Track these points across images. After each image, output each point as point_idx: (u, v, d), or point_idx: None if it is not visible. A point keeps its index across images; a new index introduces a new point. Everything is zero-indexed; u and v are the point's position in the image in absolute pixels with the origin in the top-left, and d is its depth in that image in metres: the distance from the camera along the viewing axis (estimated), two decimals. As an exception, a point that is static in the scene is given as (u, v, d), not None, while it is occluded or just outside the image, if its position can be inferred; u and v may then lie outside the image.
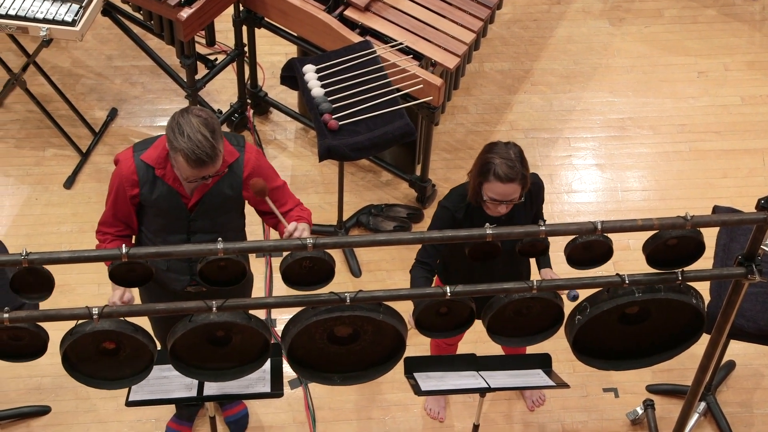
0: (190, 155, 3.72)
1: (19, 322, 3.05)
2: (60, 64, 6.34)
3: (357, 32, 5.31)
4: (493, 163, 4.05)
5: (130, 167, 3.97)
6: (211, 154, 3.74)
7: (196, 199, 4.00)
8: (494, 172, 4.04)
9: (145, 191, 3.98)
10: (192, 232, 4.09)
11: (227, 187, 4.02)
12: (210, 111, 3.84)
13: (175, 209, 4.02)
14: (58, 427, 5.03)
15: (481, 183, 4.09)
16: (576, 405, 5.19)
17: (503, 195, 4.07)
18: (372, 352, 3.39)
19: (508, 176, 4.03)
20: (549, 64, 6.54)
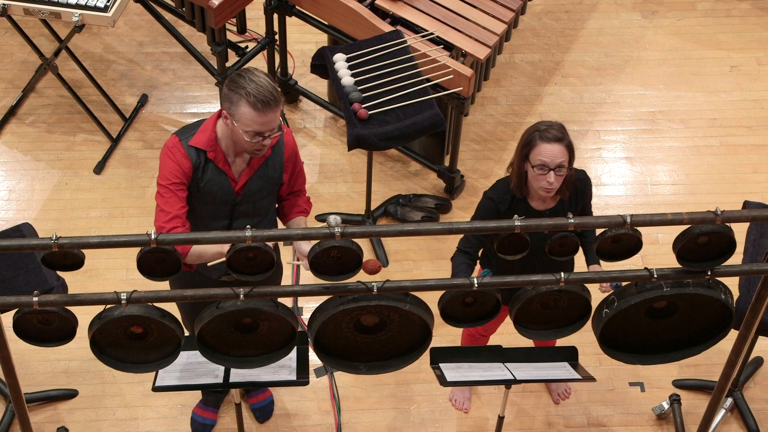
0: (258, 95, 3.73)
1: (48, 305, 3.07)
2: (92, 50, 6.37)
3: (388, 21, 5.31)
4: (539, 129, 4.05)
5: (183, 155, 3.95)
6: (276, 96, 3.77)
7: (244, 182, 4.01)
8: (540, 136, 4.04)
9: (197, 176, 3.97)
10: (235, 217, 4.10)
11: (270, 169, 4.04)
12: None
13: (222, 193, 4.02)
14: (84, 410, 5.06)
15: (528, 154, 4.07)
16: (602, 398, 5.18)
17: (551, 156, 4.03)
18: (398, 341, 3.39)
19: (555, 137, 4.02)
20: (580, 56, 6.51)
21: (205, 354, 3.33)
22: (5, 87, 6.17)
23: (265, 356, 3.40)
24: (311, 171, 5.91)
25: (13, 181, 5.82)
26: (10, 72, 6.24)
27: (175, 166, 3.95)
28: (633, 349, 3.50)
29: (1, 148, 5.94)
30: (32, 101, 6.14)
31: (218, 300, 3.15)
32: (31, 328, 3.18)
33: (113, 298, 3.06)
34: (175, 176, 3.95)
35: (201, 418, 5.01)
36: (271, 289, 3.17)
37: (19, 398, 3.51)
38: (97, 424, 5.02)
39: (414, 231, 3.09)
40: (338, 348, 3.39)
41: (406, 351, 3.42)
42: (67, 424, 4.97)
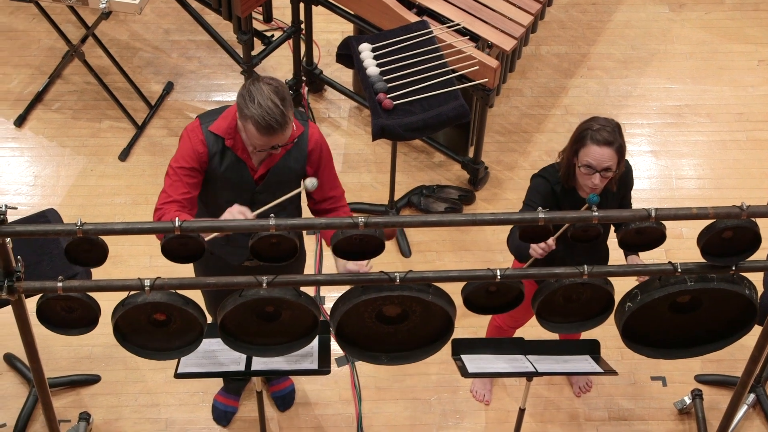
0: (261, 122, 3.72)
1: (72, 291, 3.08)
2: (118, 37, 6.39)
3: (414, 12, 5.30)
4: (592, 128, 4.02)
5: (200, 139, 3.96)
6: (281, 121, 3.73)
7: (263, 172, 4.00)
8: (591, 136, 4.01)
9: (214, 162, 3.98)
10: (255, 205, 4.10)
11: (293, 161, 4.02)
12: (280, 80, 3.84)
13: (242, 181, 4.02)
14: (107, 396, 5.09)
15: (577, 151, 4.05)
16: (623, 392, 5.16)
17: (599, 160, 4.01)
18: (420, 332, 3.39)
19: (606, 140, 4.00)
20: (606, 49, 6.48)
21: (227, 342, 3.34)
22: (32, 73, 6.20)
23: (287, 345, 3.41)
24: (335, 161, 5.85)
25: (38, 167, 5.85)
26: (37, 58, 6.27)
27: (190, 149, 3.97)
28: (655, 344, 3.49)
29: (28, 134, 5.97)
30: (59, 87, 6.16)
31: (241, 288, 3.16)
32: (54, 314, 3.20)
33: (137, 284, 3.07)
34: (186, 160, 3.97)
35: (222, 405, 5.03)
36: (294, 278, 3.17)
37: (42, 383, 3.53)
38: (119, 409, 5.04)
39: (437, 222, 3.09)
40: (360, 338, 3.39)
41: (427, 342, 3.42)
42: (89, 409, 5.00)
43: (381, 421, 5.06)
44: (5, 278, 3.06)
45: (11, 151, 5.91)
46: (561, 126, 6.11)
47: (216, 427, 5.01)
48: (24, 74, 6.20)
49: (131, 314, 3.19)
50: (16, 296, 3.11)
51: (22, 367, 5.09)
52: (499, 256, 5.55)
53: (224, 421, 5.02)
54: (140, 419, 5.02)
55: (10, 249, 3.03)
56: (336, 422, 5.05)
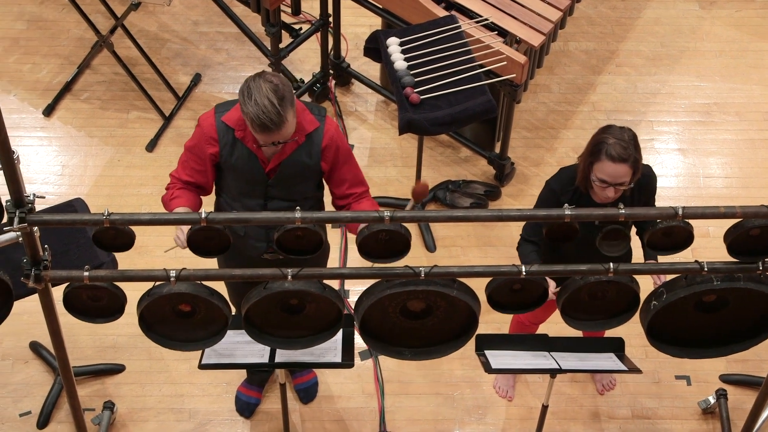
0: (256, 120, 3.73)
1: (99, 280, 3.10)
2: (147, 28, 6.41)
3: (442, 6, 5.29)
4: (606, 143, 4.00)
5: (211, 126, 3.99)
6: (276, 120, 3.73)
7: (274, 165, 4.01)
8: (606, 151, 3.99)
9: (225, 152, 4.00)
10: (269, 198, 4.11)
11: (306, 156, 4.02)
12: (284, 77, 3.83)
13: (253, 173, 4.03)
14: (131, 385, 5.11)
15: (592, 163, 4.04)
16: (647, 391, 5.14)
17: (613, 176, 4.00)
18: (444, 327, 3.39)
19: (620, 156, 3.98)
20: (635, 46, 6.45)
21: (251, 334, 3.35)
22: (61, 63, 6.23)
23: (310, 338, 3.41)
24: (361, 154, 5.91)
25: (66, 157, 5.88)
26: (66, 48, 6.30)
27: (199, 135, 4.03)
28: (680, 343, 3.47)
29: (56, 124, 6.00)
30: (87, 78, 6.19)
31: (266, 280, 3.17)
32: (80, 303, 3.22)
33: (162, 275, 3.09)
34: (194, 146, 4.06)
35: (245, 396, 5.05)
36: (319, 271, 3.18)
37: (67, 371, 3.55)
38: (142, 399, 5.07)
39: (463, 217, 3.09)
40: (384, 332, 3.39)
41: (451, 337, 3.42)
42: (113, 398, 5.02)
43: (403, 415, 5.06)
44: (32, 267, 3.08)
45: (39, 140, 5.94)
46: (588, 123, 6.08)
47: (239, 419, 5.03)
48: (53, 64, 6.23)
49: (156, 304, 3.21)
50: (43, 285, 3.13)
51: (48, 356, 5.12)
52: (524, 252, 5.53)
53: (247, 413, 5.04)
54: (164, 409, 5.04)
55: (37, 238, 3.05)
56: (358, 416, 5.06)
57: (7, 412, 5.00)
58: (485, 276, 3.20)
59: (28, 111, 6.04)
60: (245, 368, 4.78)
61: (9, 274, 3.18)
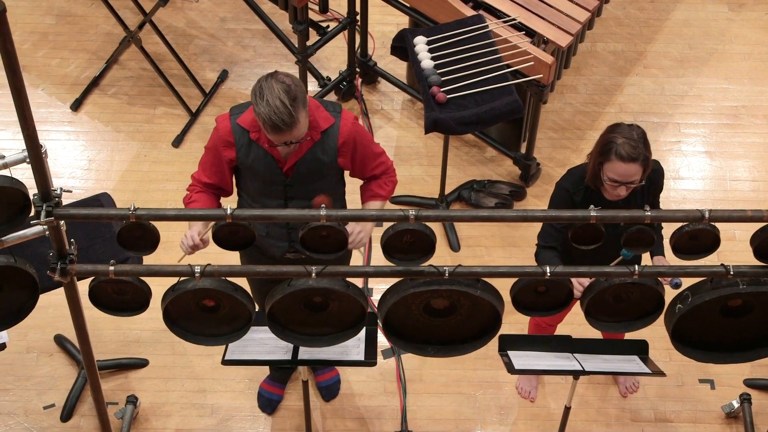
0: (267, 121, 3.73)
1: (124, 275, 3.11)
2: (175, 24, 6.43)
3: (470, 6, 5.28)
4: (615, 142, 3.99)
5: (227, 129, 4.01)
6: (288, 121, 3.73)
7: (291, 164, 4.01)
8: (616, 151, 3.98)
9: (241, 154, 4.01)
10: (289, 197, 4.11)
11: (322, 153, 4.02)
12: (297, 78, 3.83)
13: (270, 173, 4.04)
14: (154, 380, 5.13)
15: (602, 163, 4.03)
16: (670, 394, 5.12)
17: (624, 176, 4.00)
18: (467, 326, 3.38)
19: (630, 156, 3.97)
20: (663, 47, 6.42)
21: (274, 330, 3.36)
22: (89, 58, 6.26)
23: (334, 335, 3.42)
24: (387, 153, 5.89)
25: (93, 151, 5.91)
26: (95, 43, 6.33)
27: (216, 138, 4.05)
28: (705, 347, 3.45)
29: (84, 118, 6.03)
30: (115, 73, 6.22)
31: (290, 277, 3.17)
32: (105, 296, 3.23)
33: (187, 270, 3.10)
34: (211, 148, 4.07)
35: (268, 393, 5.06)
36: (343, 268, 3.18)
37: (91, 365, 3.57)
38: (165, 394, 5.08)
39: (488, 217, 3.08)
40: (407, 330, 3.39)
41: (474, 336, 3.42)
42: (136, 392, 5.04)
43: (425, 414, 5.06)
44: (58, 260, 3.09)
45: (67, 134, 5.97)
46: (615, 124, 6.06)
47: (261, 415, 5.04)
48: (81, 59, 6.26)
49: (181, 300, 3.22)
50: (69, 278, 3.14)
51: (72, 349, 5.14)
52: (549, 253, 5.52)
53: (269, 409, 5.05)
54: (186, 404, 5.06)
55: (64, 232, 3.06)
56: (380, 414, 5.06)
57: (31, 405, 5.03)
58: (509, 276, 3.19)
59: (56, 105, 6.07)
60: (268, 365, 4.79)
61: (35, 267, 3.20)
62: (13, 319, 3.30)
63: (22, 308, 3.29)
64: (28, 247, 3.89)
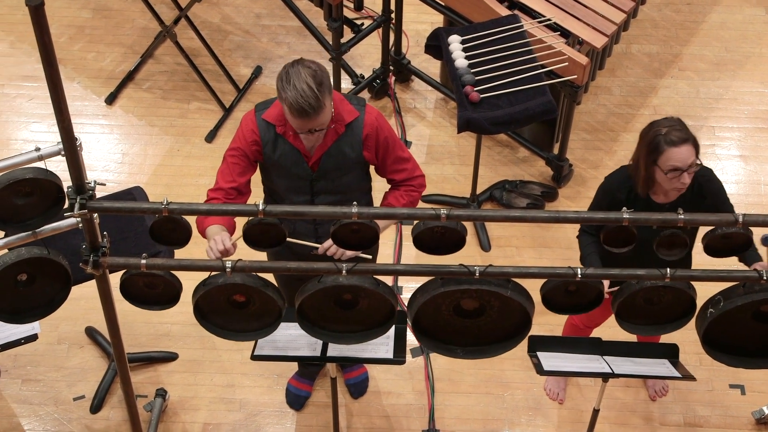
0: (294, 105, 3.73)
1: (155, 268, 3.12)
2: (210, 20, 6.46)
3: (505, 5, 5.27)
4: (661, 134, 3.97)
5: (253, 126, 4.01)
6: (315, 105, 3.73)
7: (317, 158, 4.02)
8: (665, 141, 3.95)
9: (267, 150, 4.02)
10: (316, 193, 4.11)
11: (347, 147, 4.02)
12: (321, 65, 3.83)
13: (297, 168, 4.04)
14: (183, 374, 5.15)
15: (655, 161, 3.99)
16: (700, 399, 5.09)
17: (683, 160, 3.95)
18: (497, 327, 3.37)
19: (681, 138, 3.95)
20: (699, 50, 6.38)
21: (304, 327, 3.36)
22: (125, 52, 6.30)
23: (363, 333, 3.41)
24: (419, 151, 5.91)
25: (127, 145, 5.94)
26: (130, 38, 6.36)
27: (242, 136, 4.04)
28: (736, 352, 3.43)
29: (118, 112, 6.07)
30: (150, 67, 6.25)
31: (320, 274, 3.17)
32: (137, 290, 3.25)
33: (219, 265, 3.10)
34: (237, 147, 4.05)
35: (296, 389, 5.07)
36: (373, 266, 3.18)
37: (121, 357, 3.59)
38: (194, 388, 5.10)
39: (520, 217, 3.07)
40: (436, 330, 3.39)
41: (504, 337, 3.41)
42: (165, 386, 5.07)
43: (453, 413, 5.06)
44: (91, 253, 3.11)
45: (101, 128, 6.01)
46: (649, 126, 6.03)
47: (288, 411, 5.05)
48: (117, 53, 6.30)
49: (211, 294, 3.23)
50: (101, 271, 3.16)
51: (103, 341, 5.17)
52: (580, 254, 5.50)
53: (297, 405, 5.06)
54: (215, 399, 5.08)
55: (97, 224, 3.08)
56: (408, 412, 5.06)
57: (61, 396, 5.07)
58: (540, 277, 3.18)
59: (91, 99, 6.11)
60: (297, 361, 4.80)
61: (68, 259, 3.22)
62: (45, 310, 3.32)
63: (55, 300, 3.31)
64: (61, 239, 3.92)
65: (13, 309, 3.28)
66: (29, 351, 5.13)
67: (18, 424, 4.99)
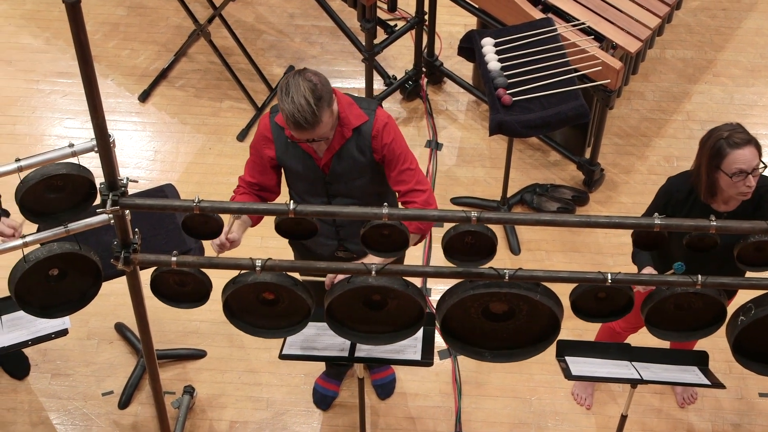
0: (290, 117, 3.73)
1: (186, 266, 3.14)
2: (244, 19, 6.47)
3: (539, 8, 5.26)
4: (723, 138, 3.94)
5: (266, 127, 4.03)
6: (311, 120, 3.72)
7: (326, 160, 4.01)
8: (728, 144, 3.93)
9: (280, 152, 4.03)
10: (331, 195, 4.11)
11: (356, 150, 4.00)
12: (324, 77, 3.80)
13: (309, 170, 4.05)
14: (211, 371, 5.17)
15: (718, 165, 3.94)
16: (729, 407, 5.06)
17: (748, 161, 3.92)
18: (526, 331, 3.37)
19: (744, 140, 3.93)
20: (734, 56, 6.34)
21: (333, 327, 3.37)
22: (158, 50, 6.32)
23: (391, 334, 3.41)
24: (450, 154, 5.91)
25: (159, 143, 5.96)
26: (164, 36, 6.39)
27: (257, 138, 4.08)
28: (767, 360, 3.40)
29: (151, 110, 6.10)
30: (183, 65, 6.27)
31: (350, 275, 3.18)
32: (167, 287, 3.26)
33: (248, 264, 3.11)
34: (254, 146, 4.10)
35: (323, 389, 5.07)
36: (402, 268, 3.18)
37: (151, 354, 3.60)
38: (222, 385, 5.12)
39: (551, 221, 3.07)
40: (465, 332, 3.38)
41: (532, 341, 3.40)
42: (193, 383, 5.08)
43: (479, 417, 5.05)
44: (122, 249, 3.12)
45: (134, 125, 6.04)
46: (681, 132, 6.00)
47: (315, 411, 5.06)
48: (150, 51, 6.33)
49: (241, 292, 3.24)
50: (132, 267, 3.17)
51: (132, 337, 5.20)
52: (610, 260, 5.48)
53: (324, 405, 5.06)
54: (242, 397, 5.09)
55: (128, 221, 3.09)
56: (434, 414, 5.06)
57: (90, 391, 5.09)
58: (570, 282, 3.17)
59: (124, 96, 6.14)
60: (325, 361, 4.80)
61: (99, 255, 3.24)
62: (75, 305, 3.34)
63: (85, 295, 3.33)
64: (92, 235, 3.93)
65: (44, 304, 3.31)
66: (59, 346, 5.16)
67: (47, 418, 5.02)
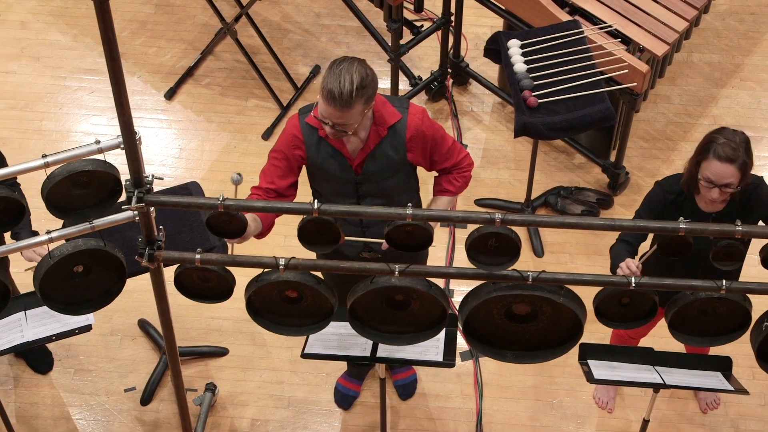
0: (327, 88, 3.72)
1: (209, 263, 3.14)
2: (270, 18, 6.49)
3: (566, 11, 5.24)
4: (716, 142, 3.94)
5: (296, 129, 4.02)
6: (346, 99, 3.71)
7: (360, 160, 4.01)
8: (715, 150, 3.93)
9: (311, 153, 4.03)
10: (361, 196, 4.11)
11: (390, 149, 4.01)
12: (377, 78, 3.81)
13: (341, 171, 4.05)
14: (233, 369, 5.18)
15: (699, 162, 3.98)
16: (752, 413, 5.03)
17: (719, 176, 3.93)
18: (548, 333, 3.36)
19: (728, 156, 3.92)
20: (762, 60, 6.31)
21: (355, 327, 3.37)
22: (185, 48, 6.35)
23: (413, 335, 3.41)
24: (474, 155, 5.90)
25: (184, 140, 5.98)
26: (191, 34, 6.41)
27: (285, 140, 4.05)
28: (791, 367, 3.39)
29: (177, 107, 6.12)
30: (209, 64, 6.29)
31: (373, 275, 3.18)
32: (191, 283, 3.27)
33: (272, 262, 3.12)
34: (280, 149, 4.07)
35: (344, 389, 5.08)
36: (426, 268, 3.18)
37: (173, 351, 3.61)
38: (243, 383, 5.13)
39: (575, 224, 3.06)
40: (487, 334, 3.38)
41: (555, 344, 3.39)
42: (215, 380, 5.10)
43: (500, 419, 5.04)
44: (147, 246, 3.14)
45: (160, 122, 6.06)
46: (708, 136, 5.97)
47: (336, 410, 5.06)
48: (177, 48, 6.35)
49: (264, 290, 3.24)
50: (156, 264, 3.18)
51: (155, 334, 5.22)
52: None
53: (345, 405, 5.07)
54: (263, 395, 5.10)
55: (153, 218, 3.10)
56: (455, 416, 5.05)
57: (113, 386, 5.12)
58: (593, 285, 3.16)
59: (151, 93, 6.17)
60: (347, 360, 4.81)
61: (123, 251, 3.25)
62: (100, 301, 3.35)
63: (110, 291, 3.34)
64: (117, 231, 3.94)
65: (68, 300, 3.32)
66: (82, 341, 5.19)
67: (68, 413, 5.05)
